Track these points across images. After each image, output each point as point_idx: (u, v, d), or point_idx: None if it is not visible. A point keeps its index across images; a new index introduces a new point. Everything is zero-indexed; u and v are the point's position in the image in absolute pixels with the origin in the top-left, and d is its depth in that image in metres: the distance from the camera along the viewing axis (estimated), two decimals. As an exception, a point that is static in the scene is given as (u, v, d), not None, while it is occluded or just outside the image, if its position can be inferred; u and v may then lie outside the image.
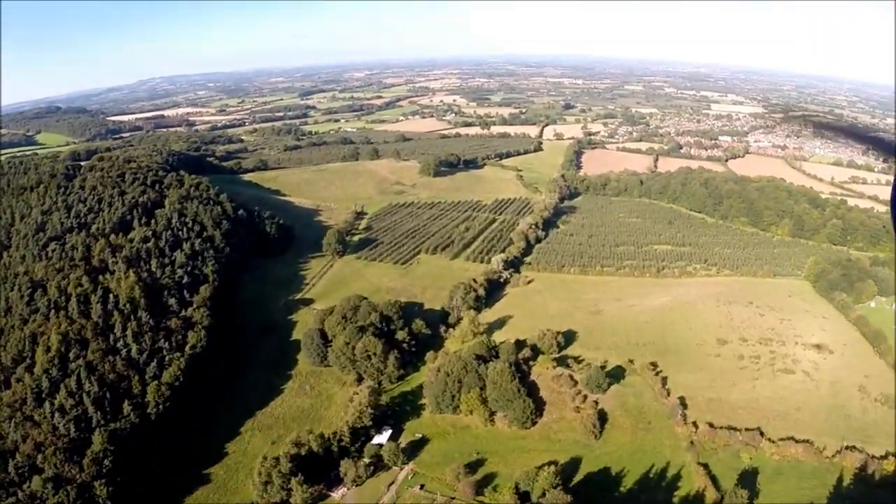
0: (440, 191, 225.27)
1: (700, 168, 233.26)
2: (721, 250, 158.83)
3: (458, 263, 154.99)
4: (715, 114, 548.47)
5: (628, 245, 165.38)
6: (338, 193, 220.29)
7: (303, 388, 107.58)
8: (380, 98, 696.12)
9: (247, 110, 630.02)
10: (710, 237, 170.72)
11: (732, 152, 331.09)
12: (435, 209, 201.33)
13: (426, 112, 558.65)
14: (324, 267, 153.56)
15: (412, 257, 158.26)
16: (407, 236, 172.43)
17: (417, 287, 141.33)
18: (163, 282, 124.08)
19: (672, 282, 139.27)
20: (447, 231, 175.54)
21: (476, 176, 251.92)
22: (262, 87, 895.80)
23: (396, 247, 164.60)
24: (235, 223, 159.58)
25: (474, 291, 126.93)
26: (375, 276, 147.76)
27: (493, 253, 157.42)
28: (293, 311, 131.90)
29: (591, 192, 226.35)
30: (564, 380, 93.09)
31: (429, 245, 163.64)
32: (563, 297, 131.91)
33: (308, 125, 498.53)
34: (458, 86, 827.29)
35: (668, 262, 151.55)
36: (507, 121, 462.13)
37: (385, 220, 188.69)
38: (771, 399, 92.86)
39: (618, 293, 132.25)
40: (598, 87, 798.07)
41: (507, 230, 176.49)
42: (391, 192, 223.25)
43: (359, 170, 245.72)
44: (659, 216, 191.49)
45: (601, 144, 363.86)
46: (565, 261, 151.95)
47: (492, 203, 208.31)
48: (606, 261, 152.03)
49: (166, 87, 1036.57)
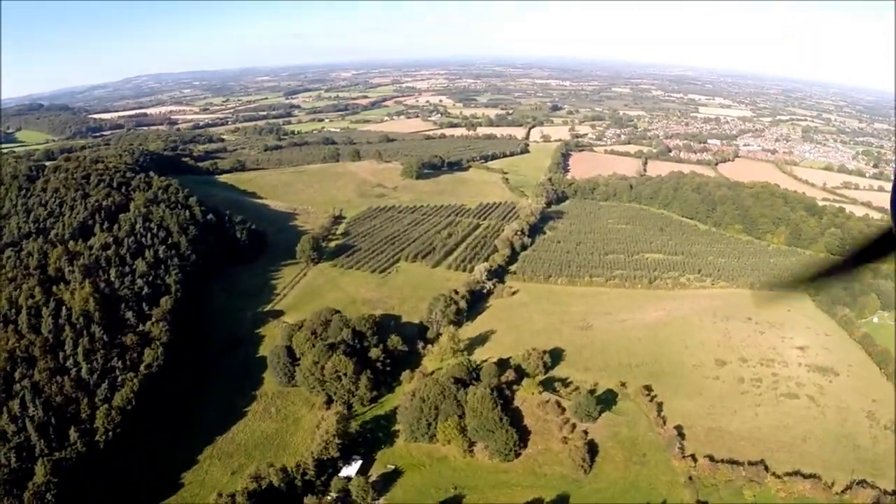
0: (423, 194, 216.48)
1: (692, 173, 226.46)
2: (715, 260, 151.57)
3: (440, 272, 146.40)
4: (703, 117, 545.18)
5: (618, 253, 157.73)
6: (316, 196, 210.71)
7: (268, 411, 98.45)
8: (365, 98, 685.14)
9: (230, 109, 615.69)
10: (704, 245, 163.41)
11: (722, 156, 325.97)
12: (416, 213, 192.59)
13: (411, 112, 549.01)
14: (297, 275, 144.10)
15: (391, 265, 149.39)
16: (386, 242, 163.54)
17: (395, 298, 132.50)
18: (121, 293, 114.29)
19: (665, 294, 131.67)
20: (429, 237, 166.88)
21: (460, 178, 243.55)
22: (248, 86, 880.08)
23: (375, 254, 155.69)
24: (204, 228, 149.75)
25: (455, 304, 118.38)
26: (351, 285, 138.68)
27: (476, 261, 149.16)
28: (261, 323, 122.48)
29: (579, 196, 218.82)
30: (551, 407, 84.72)
31: (409, 252, 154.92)
32: (549, 309, 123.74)
33: (291, 125, 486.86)
34: (444, 86, 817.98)
35: (660, 272, 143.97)
36: (493, 122, 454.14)
37: (364, 225, 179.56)
38: (775, 428, 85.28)
39: (608, 306, 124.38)
40: (585, 88, 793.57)
41: (491, 236, 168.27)
42: (372, 194, 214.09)
43: (339, 171, 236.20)
44: (650, 223, 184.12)
45: (589, 147, 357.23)
46: (552, 270, 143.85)
47: (476, 207, 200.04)
48: (595, 270, 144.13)
49: (152, 84, 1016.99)
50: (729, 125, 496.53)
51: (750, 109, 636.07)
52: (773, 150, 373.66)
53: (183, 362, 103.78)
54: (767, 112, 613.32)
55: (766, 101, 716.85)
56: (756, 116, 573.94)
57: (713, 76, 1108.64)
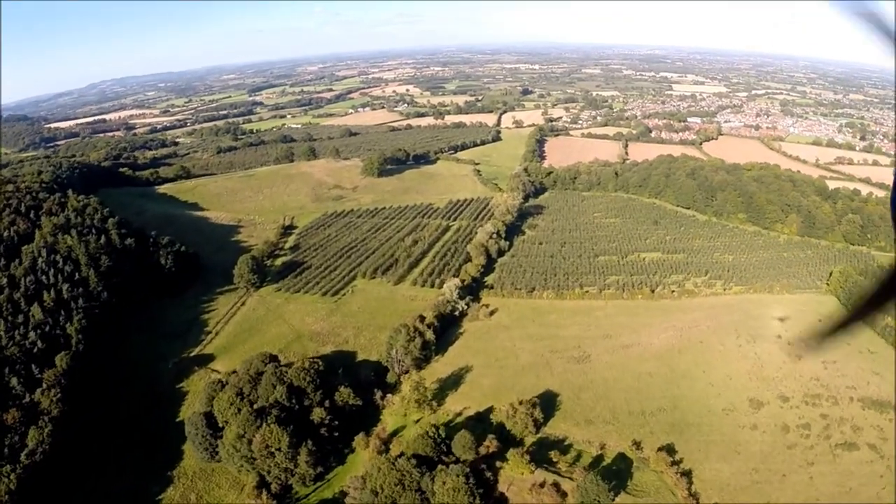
0: (385, 193, 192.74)
1: (683, 156, 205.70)
2: (721, 257, 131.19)
3: (404, 290, 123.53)
4: (678, 94, 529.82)
5: (610, 254, 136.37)
6: (265, 203, 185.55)
7: (186, 498, 75.17)
8: (330, 91, 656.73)
9: (191, 110, 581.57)
10: (706, 240, 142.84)
11: (705, 135, 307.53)
12: (378, 217, 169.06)
13: (377, 104, 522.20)
14: (233, 306, 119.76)
15: (346, 285, 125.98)
16: (341, 255, 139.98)
17: (350, 328, 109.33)
18: (8, 352, 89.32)
19: (671, 305, 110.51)
20: (391, 246, 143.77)
21: (427, 173, 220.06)
22: (213, 86, 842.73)
23: (327, 271, 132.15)
24: (121, 256, 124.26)
25: (420, 336, 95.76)
26: (297, 314, 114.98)
27: (446, 272, 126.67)
28: (185, 374, 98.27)
29: (559, 186, 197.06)
30: (547, 492, 62.77)
31: (368, 266, 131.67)
32: (536, 334, 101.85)
33: (252, 123, 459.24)
34: (412, 75, 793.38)
35: (661, 275, 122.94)
36: (462, 109, 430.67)
37: (317, 235, 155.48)
38: (836, 494, 64.77)
39: (606, 326, 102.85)
40: (555, 71, 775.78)
41: (463, 241, 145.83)
42: (328, 198, 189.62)
43: (291, 173, 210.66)
44: (641, 215, 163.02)
45: (565, 131, 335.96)
46: (535, 280, 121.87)
47: (445, 206, 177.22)
48: (586, 277, 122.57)
49: (117, 89, 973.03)
50: (706, 102, 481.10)
51: (724, 85, 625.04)
52: (756, 125, 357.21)
53: (81, 441, 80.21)
54: (742, 87, 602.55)
55: (739, 77, 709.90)
56: (731, 92, 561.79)
57: (682, 54, 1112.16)
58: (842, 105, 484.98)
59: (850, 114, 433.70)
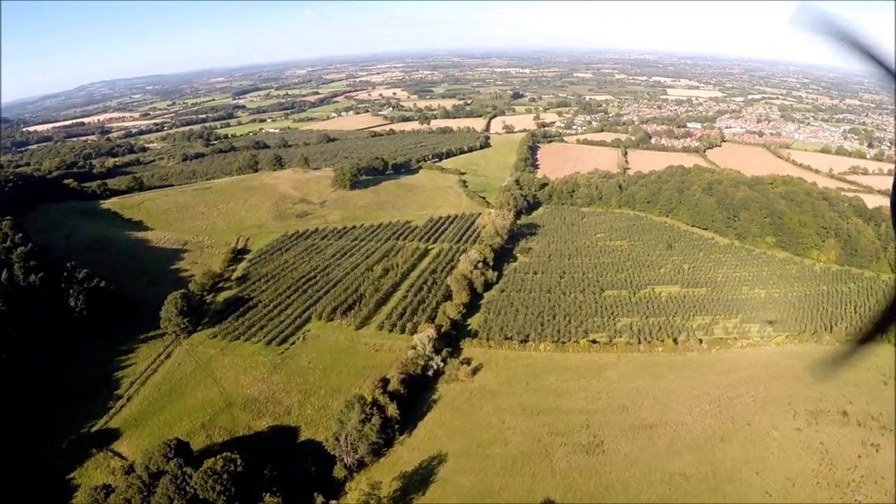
0: (357, 209, 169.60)
1: (696, 167, 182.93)
2: (752, 292, 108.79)
3: (367, 336, 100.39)
4: (674, 99, 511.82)
5: (619, 287, 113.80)
6: (218, 222, 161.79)
7: None
8: (316, 94, 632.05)
9: (171, 113, 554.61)
10: (731, 268, 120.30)
11: (709, 141, 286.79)
12: (346, 238, 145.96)
13: (361, 107, 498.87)
14: (156, 359, 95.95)
15: (297, 329, 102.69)
16: (297, 289, 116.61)
17: (295, 392, 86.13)
18: None
19: (700, 361, 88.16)
20: (356, 277, 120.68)
21: (407, 185, 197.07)
22: (200, 88, 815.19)
23: (277, 310, 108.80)
24: (24, 296, 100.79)
25: (380, 412, 72.88)
26: (233, 372, 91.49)
27: (420, 313, 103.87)
28: (81, 458, 74.60)
29: (556, 201, 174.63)
30: None
31: (326, 304, 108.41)
32: (530, 404, 79.16)
33: (230, 127, 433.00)
34: (400, 79, 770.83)
35: (682, 316, 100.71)
36: (450, 114, 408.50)
37: (271, 262, 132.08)
38: None
39: (621, 393, 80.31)
40: (546, 75, 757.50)
41: (443, 269, 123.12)
42: (291, 214, 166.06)
43: (253, 185, 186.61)
44: (652, 237, 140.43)
45: (559, 137, 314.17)
46: (530, 325, 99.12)
47: (425, 225, 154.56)
48: (592, 321, 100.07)
49: (104, 91, 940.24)
50: (703, 107, 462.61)
51: (719, 90, 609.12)
52: (760, 131, 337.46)
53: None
54: (737, 91, 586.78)
55: (732, 81, 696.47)
56: (727, 96, 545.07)
57: (673, 58, 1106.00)
58: (840, 110, 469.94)
59: (850, 119, 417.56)
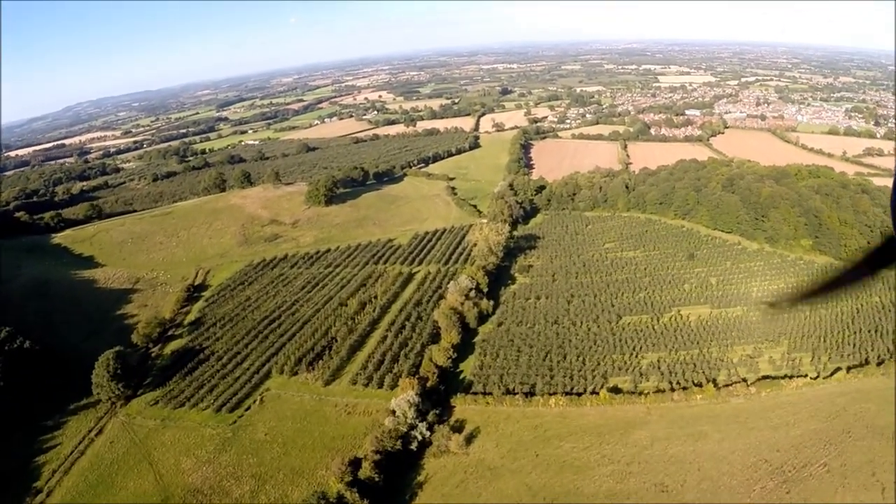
0: (333, 228, 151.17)
1: (711, 160, 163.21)
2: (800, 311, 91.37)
3: (338, 394, 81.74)
4: (667, 86, 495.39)
5: (639, 312, 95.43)
6: (177, 252, 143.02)
7: None
8: (300, 102, 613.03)
9: (154, 129, 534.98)
10: (766, 280, 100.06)
11: (711, 128, 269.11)
12: (318, 265, 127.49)
13: (345, 113, 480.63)
14: (87, 435, 77.43)
15: (255, 388, 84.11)
16: (257, 334, 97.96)
17: (247, 477, 67.64)
18: None
19: (749, 410, 69.63)
20: (328, 313, 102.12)
21: (390, 196, 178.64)
22: (185, 102, 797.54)
23: (233, 363, 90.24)
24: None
25: (347, 516, 54.87)
26: (174, 451, 72.82)
27: (403, 360, 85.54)
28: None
29: (555, 206, 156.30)
30: None
31: (290, 353, 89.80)
32: (541, 489, 60.64)
33: (209, 141, 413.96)
34: (386, 81, 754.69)
35: (718, 346, 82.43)
36: (437, 114, 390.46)
37: (232, 300, 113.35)
38: None
39: (656, 466, 61.90)
40: (534, 69, 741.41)
41: (430, 299, 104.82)
42: (259, 238, 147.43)
43: (218, 207, 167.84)
44: (669, 244, 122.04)
45: (552, 132, 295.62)
46: (535, 369, 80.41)
47: (409, 243, 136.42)
48: (611, 358, 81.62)
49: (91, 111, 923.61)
50: (698, 92, 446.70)
51: (711, 74, 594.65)
52: (761, 115, 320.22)
53: None
54: (730, 75, 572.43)
55: (723, 65, 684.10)
56: (720, 81, 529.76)
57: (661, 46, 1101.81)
58: (837, 88, 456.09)
59: (849, 97, 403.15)
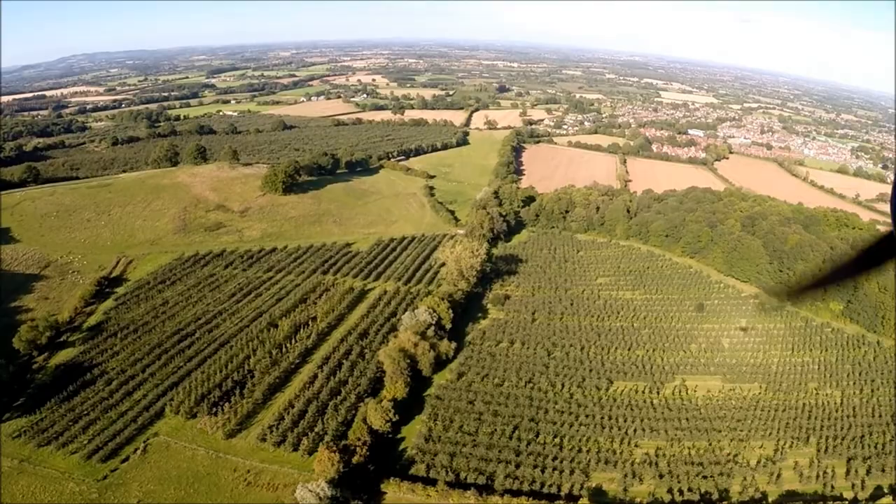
0: (286, 222, 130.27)
1: (727, 191, 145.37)
2: (831, 397, 72.92)
3: (240, 454, 61.56)
4: (669, 102, 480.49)
5: (634, 377, 76.36)
6: (103, 233, 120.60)
7: None
8: (292, 77, 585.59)
9: (138, 90, 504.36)
10: (789, 352, 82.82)
11: (716, 152, 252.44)
12: (259, 267, 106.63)
13: (333, 93, 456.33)
14: None
15: (141, 429, 63.43)
16: (162, 352, 76.90)
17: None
18: None
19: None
20: (253, 335, 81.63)
21: (359, 190, 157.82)
22: (179, 65, 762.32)
23: (123, 390, 69.25)
24: None
25: None
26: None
27: (329, 412, 65.80)
28: None
29: (544, 222, 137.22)
30: None
31: (193, 386, 69.26)
32: None
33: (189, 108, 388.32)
34: (383, 65, 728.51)
35: (731, 438, 64.24)
36: (428, 104, 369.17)
37: (146, 302, 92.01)
38: None
39: None
40: (534, 70, 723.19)
41: (378, 330, 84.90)
42: (200, 226, 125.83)
43: (163, 184, 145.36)
44: (674, 288, 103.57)
45: (547, 137, 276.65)
46: (496, 449, 61.29)
47: (370, 249, 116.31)
48: (595, 442, 62.88)
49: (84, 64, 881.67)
50: (701, 112, 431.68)
51: (713, 96, 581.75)
52: (767, 144, 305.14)
53: None
54: (732, 99, 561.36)
55: (725, 88, 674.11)
56: (722, 103, 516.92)
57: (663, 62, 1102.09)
58: (839, 125, 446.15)
59: (852, 135, 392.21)
